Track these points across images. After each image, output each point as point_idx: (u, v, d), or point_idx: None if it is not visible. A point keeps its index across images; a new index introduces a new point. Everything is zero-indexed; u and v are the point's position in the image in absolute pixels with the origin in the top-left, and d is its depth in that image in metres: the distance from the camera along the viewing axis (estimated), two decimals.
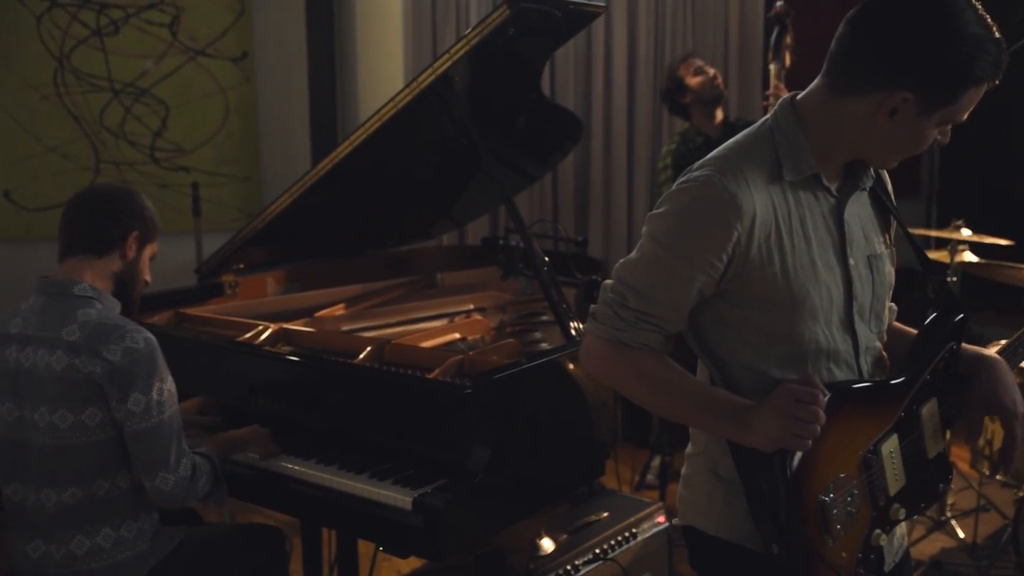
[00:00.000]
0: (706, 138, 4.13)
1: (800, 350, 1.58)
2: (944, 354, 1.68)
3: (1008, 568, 3.52)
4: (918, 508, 1.71)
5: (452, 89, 2.68)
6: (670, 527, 2.95)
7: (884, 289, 1.68)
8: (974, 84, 1.47)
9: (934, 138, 1.54)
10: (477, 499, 2.11)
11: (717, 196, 1.49)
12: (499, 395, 2.14)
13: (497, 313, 3.17)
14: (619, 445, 4.15)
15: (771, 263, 1.53)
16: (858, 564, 1.59)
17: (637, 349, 1.58)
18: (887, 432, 1.62)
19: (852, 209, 1.63)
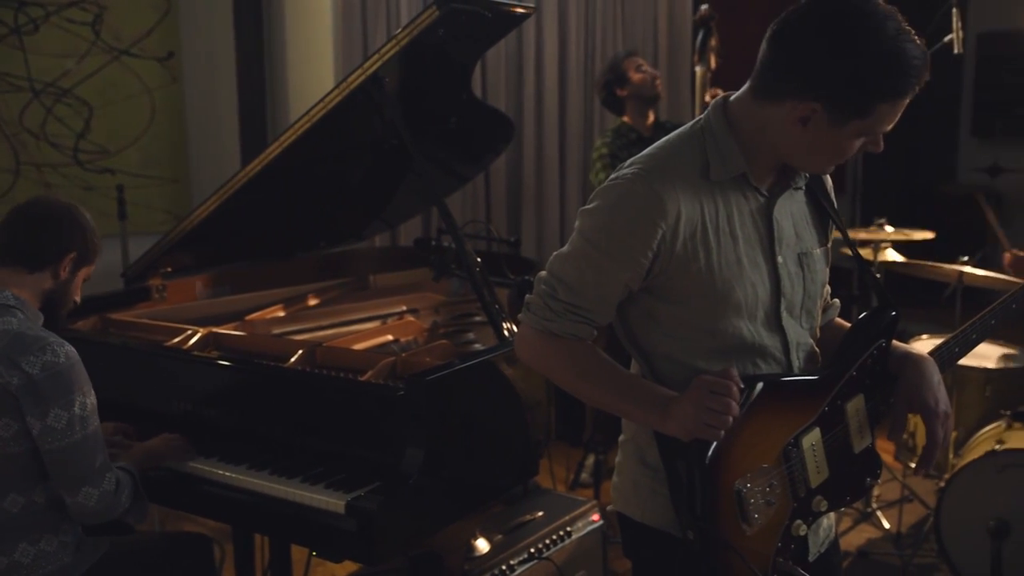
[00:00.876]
0: (639, 135, 4.19)
1: (725, 345, 1.62)
2: (872, 351, 1.72)
3: (930, 556, 3.62)
4: (843, 501, 1.73)
5: (383, 89, 2.67)
6: (604, 525, 2.98)
7: (816, 287, 1.71)
8: (885, 101, 1.48)
9: (861, 147, 1.55)
10: (411, 501, 2.10)
11: (643, 195, 1.53)
12: (432, 396, 2.14)
13: (430, 314, 3.17)
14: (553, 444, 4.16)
15: (696, 259, 1.56)
16: (777, 553, 1.62)
17: (567, 339, 1.63)
18: (809, 426, 1.65)
19: (784, 208, 1.66)
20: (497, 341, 2.50)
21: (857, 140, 1.54)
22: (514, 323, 2.57)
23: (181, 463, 2.33)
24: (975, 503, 3.25)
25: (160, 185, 4.74)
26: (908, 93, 1.49)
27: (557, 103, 5.15)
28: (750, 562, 1.58)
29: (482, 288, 2.54)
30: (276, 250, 3.48)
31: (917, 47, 1.47)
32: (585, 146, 5.24)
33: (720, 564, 1.58)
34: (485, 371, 2.37)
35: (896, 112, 1.52)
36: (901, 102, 1.50)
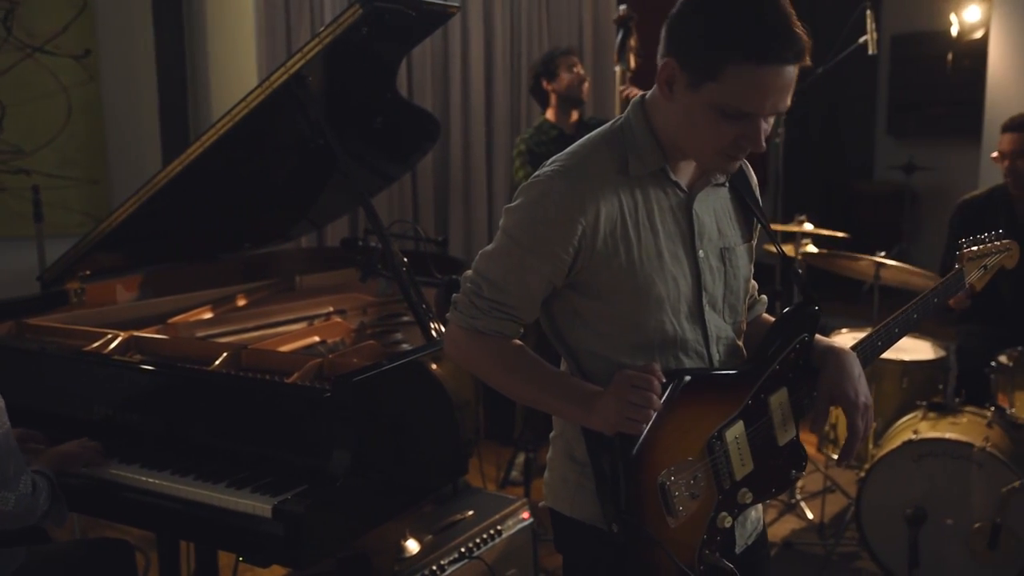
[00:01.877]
0: (560, 132, 4.23)
1: (647, 339, 1.64)
2: (795, 345, 1.74)
3: (852, 545, 3.71)
4: (768, 493, 1.76)
5: (306, 88, 2.64)
6: (535, 523, 2.99)
7: (739, 282, 1.73)
8: (732, 60, 1.45)
9: (732, 135, 1.52)
10: (339, 503, 2.09)
11: (562, 192, 1.56)
12: (359, 397, 2.13)
13: (357, 315, 3.15)
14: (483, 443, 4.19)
15: (617, 255, 1.58)
16: (703, 545, 1.65)
17: (493, 336, 1.65)
18: (733, 419, 1.67)
19: (706, 203, 1.68)
20: (425, 341, 2.49)
21: (721, 122, 1.51)
22: (441, 323, 2.57)
23: (102, 470, 2.28)
24: (893, 492, 3.34)
25: (77, 186, 4.63)
26: (759, 59, 1.45)
27: (483, 102, 5.16)
28: (675, 555, 1.60)
29: (408, 288, 2.54)
30: (200, 252, 3.42)
31: (780, 17, 1.46)
32: (512, 144, 5.25)
33: (645, 557, 1.60)
34: (413, 371, 2.37)
35: (756, 89, 1.47)
36: (756, 72, 1.46)
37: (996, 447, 3.25)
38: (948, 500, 3.29)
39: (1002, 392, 3.56)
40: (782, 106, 1.51)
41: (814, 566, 3.61)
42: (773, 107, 1.50)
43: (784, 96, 1.50)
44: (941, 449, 3.29)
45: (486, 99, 5.18)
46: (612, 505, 1.59)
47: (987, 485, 3.23)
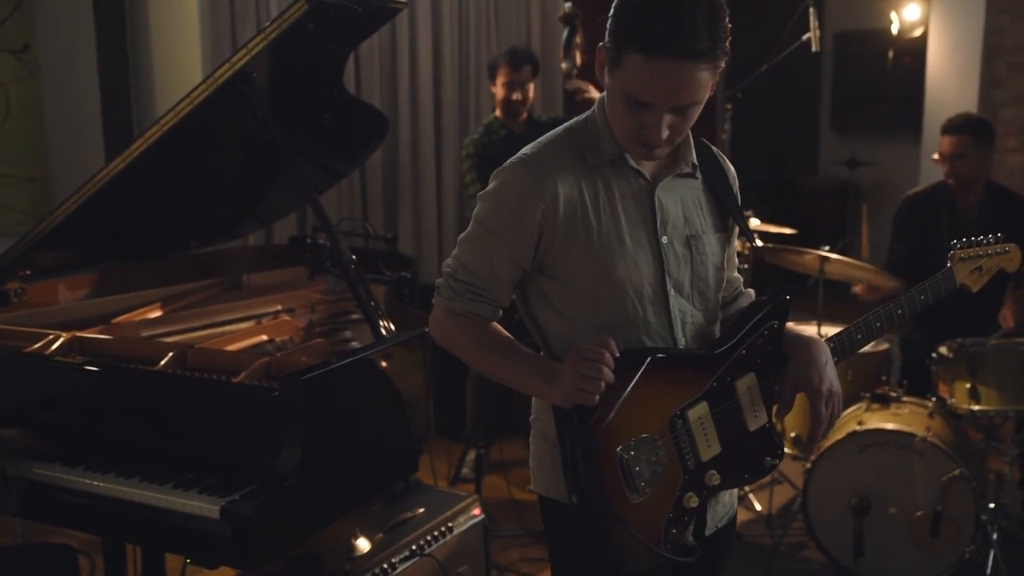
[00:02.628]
0: (509, 132, 4.24)
1: (609, 320, 1.70)
2: (763, 331, 1.77)
3: (799, 535, 3.77)
4: (740, 478, 1.79)
5: (252, 85, 2.61)
6: (486, 519, 2.99)
7: (707, 269, 1.78)
8: (629, 48, 1.53)
9: (636, 123, 1.59)
10: (288, 503, 2.07)
11: (523, 178, 1.66)
12: (307, 396, 2.11)
13: (306, 313, 3.12)
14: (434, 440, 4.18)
15: (577, 238, 1.66)
16: (669, 524, 1.68)
17: (468, 317, 1.74)
18: (696, 399, 1.70)
19: (673, 192, 1.74)
20: (374, 339, 2.48)
21: (629, 108, 1.58)
22: (391, 320, 2.56)
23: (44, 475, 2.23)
24: (839, 482, 3.39)
25: (17, 184, 4.54)
26: (648, 51, 1.51)
27: (432, 98, 5.15)
28: (638, 531, 1.64)
29: (357, 286, 2.53)
30: (144, 250, 3.37)
31: (680, 13, 1.50)
32: (461, 141, 5.24)
33: (608, 531, 1.64)
34: (362, 369, 2.36)
35: (648, 80, 1.53)
36: (647, 63, 1.51)
37: (937, 437, 3.32)
38: (891, 489, 3.35)
39: (943, 383, 3.63)
40: (680, 100, 1.56)
41: (762, 557, 3.66)
42: (668, 100, 1.56)
43: (681, 92, 1.55)
44: (884, 439, 3.35)
45: (434, 96, 5.17)
46: (571, 477, 1.63)
47: (929, 474, 3.30)
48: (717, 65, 1.55)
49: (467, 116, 5.29)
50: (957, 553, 3.29)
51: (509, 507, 4.03)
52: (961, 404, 3.50)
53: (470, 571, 2.85)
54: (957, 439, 3.46)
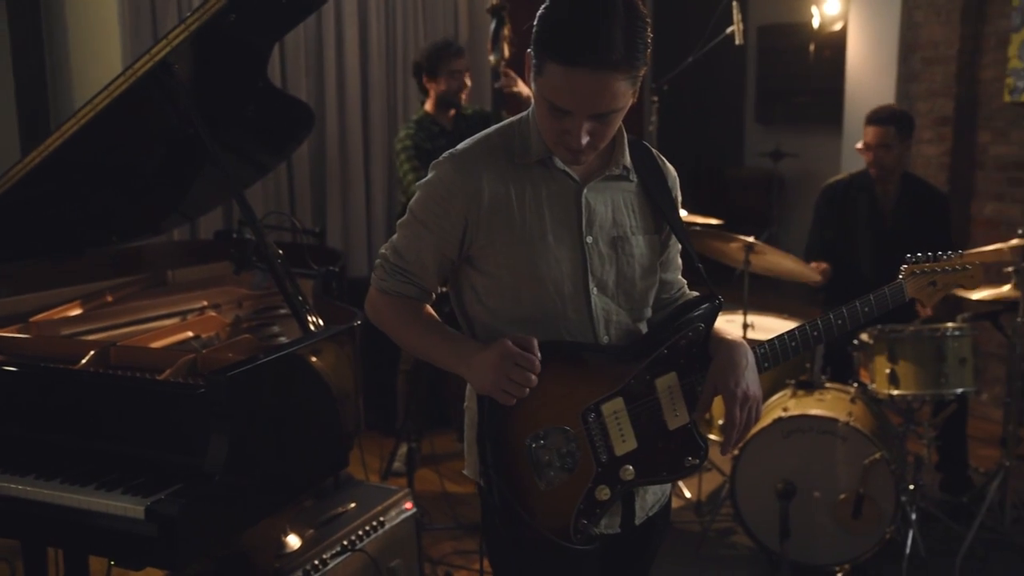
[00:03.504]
0: (441, 128, 4.23)
1: (531, 314, 1.73)
2: (688, 332, 1.78)
3: (727, 520, 3.84)
4: (657, 475, 1.79)
5: (173, 77, 2.56)
6: (418, 512, 2.99)
7: (634, 270, 1.80)
8: (548, 57, 1.56)
9: (558, 129, 1.62)
10: (215, 501, 2.04)
11: (451, 172, 1.72)
12: (234, 393, 2.08)
13: (233, 309, 3.08)
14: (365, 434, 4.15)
15: (502, 233, 1.71)
16: (579, 514, 1.71)
17: (397, 296, 1.81)
18: (612, 395, 1.73)
19: (602, 193, 1.77)
20: (302, 333, 2.46)
21: (551, 114, 1.61)
22: (319, 315, 2.54)
23: None
24: (765, 468, 3.46)
25: None
26: (564, 61, 1.53)
27: (359, 91, 5.10)
28: (547, 518, 1.68)
29: (284, 280, 2.50)
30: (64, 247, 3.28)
31: (595, 24, 1.52)
32: (390, 133, 5.22)
33: (513, 513, 1.68)
34: (291, 364, 2.33)
35: (565, 89, 1.56)
36: (565, 72, 1.54)
37: (859, 421, 3.41)
38: (816, 473, 3.43)
39: (864, 368, 3.73)
40: (599, 109, 1.58)
41: (692, 543, 3.72)
42: (587, 109, 1.58)
43: (599, 101, 1.57)
44: (808, 425, 3.43)
45: (362, 88, 5.12)
46: (480, 460, 1.68)
47: (851, 458, 3.38)
48: (636, 74, 1.57)
49: (395, 108, 5.26)
50: (878, 533, 3.38)
51: (441, 500, 4.03)
52: (881, 389, 3.60)
53: (402, 565, 2.85)
54: (878, 423, 3.56)
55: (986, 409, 5.01)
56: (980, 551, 3.56)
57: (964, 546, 3.48)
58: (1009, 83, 4.94)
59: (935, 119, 5.26)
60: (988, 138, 5.15)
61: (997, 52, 5.03)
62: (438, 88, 4.27)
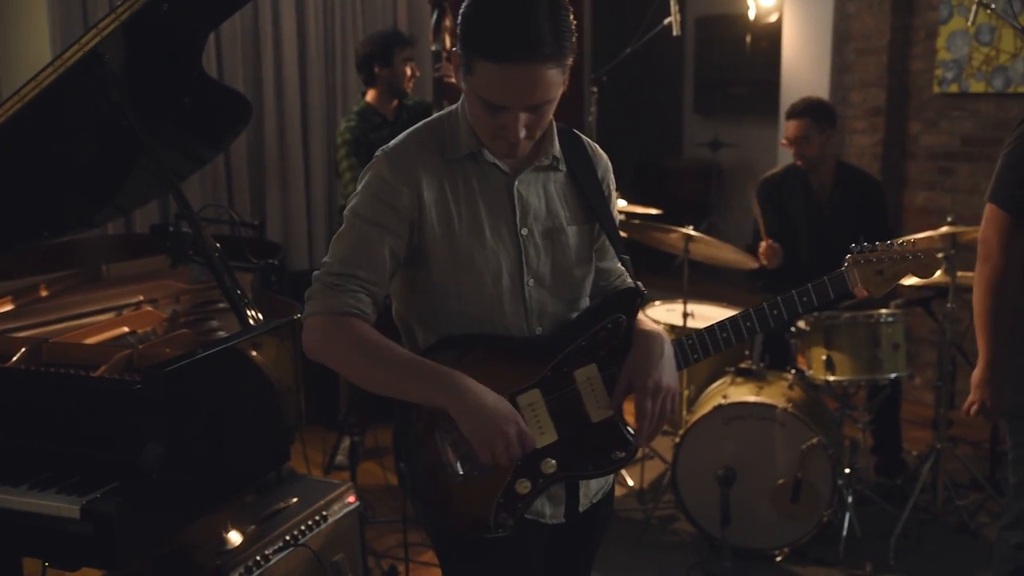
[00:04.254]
0: (383, 119, 4.21)
1: (469, 310, 1.73)
2: (607, 324, 1.77)
3: (669, 508, 3.88)
4: (582, 469, 1.77)
5: (104, 67, 2.51)
6: (361, 506, 2.98)
7: (570, 261, 1.80)
8: (478, 55, 1.56)
9: (495, 125, 1.62)
10: (153, 499, 2.01)
11: (388, 169, 1.70)
12: (171, 388, 2.05)
13: (170, 303, 3.03)
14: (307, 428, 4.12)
15: (439, 228, 1.70)
16: (499, 508, 1.71)
17: (349, 317, 1.66)
18: (528, 386, 1.72)
19: (534, 185, 1.76)
20: (242, 327, 2.43)
21: (486, 111, 1.61)
22: (258, 309, 2.51)
23: None
24: (706, 455, 3.51)
25: None
26: (496, 58, 1.54)
27: (297, 82, 5.05)
28: (465, 508, 1.69)
29: (222, 274, 2.47)
30: None
31: (523, 18, 1.52)
32: (329, 124, 5.18)
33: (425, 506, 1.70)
34: (230, 359, 2.30)
35: (499, 85, 1.56)
36: (498, 69, 1.54)
37: (796, 407, 3.47)
38: (755, 459, 3.48)
39: (801, 355, 3.80)
40: (537, 100, 1.59)
41: (635, 530, 3.75)
42: (522, 102, 1.59)
43: (536, 92, 1.58)
44: (747, 412, 3.48)
45: (300, 79, 5.07)
46: (398, 447, 1.69)
47: (789, 443, 3.44)
48: (565, 63, 1.59)
49: (334, 99, 5.22)
50: (816, 517, 3.45)
51: (385, 493, 4.01)
52: (818, 375, 3.67)
53: (346, 559, 2.83)
54: (815, 409, 3.63)
55: (919, 393, 5.14)
56: (914, 531, 3.65)
57: (898, 527, 3.57)
58: (938, 74, 5.05)
59: (868, 109, 5.36)
60: (919, 128, 5.26)
61: (926, 44, 5.14)
62: (391, 75, 4.23)
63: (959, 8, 4.89)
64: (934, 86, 5.09)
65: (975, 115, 4.98)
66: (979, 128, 4.96)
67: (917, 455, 4.18)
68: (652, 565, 3.53)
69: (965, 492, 3.94)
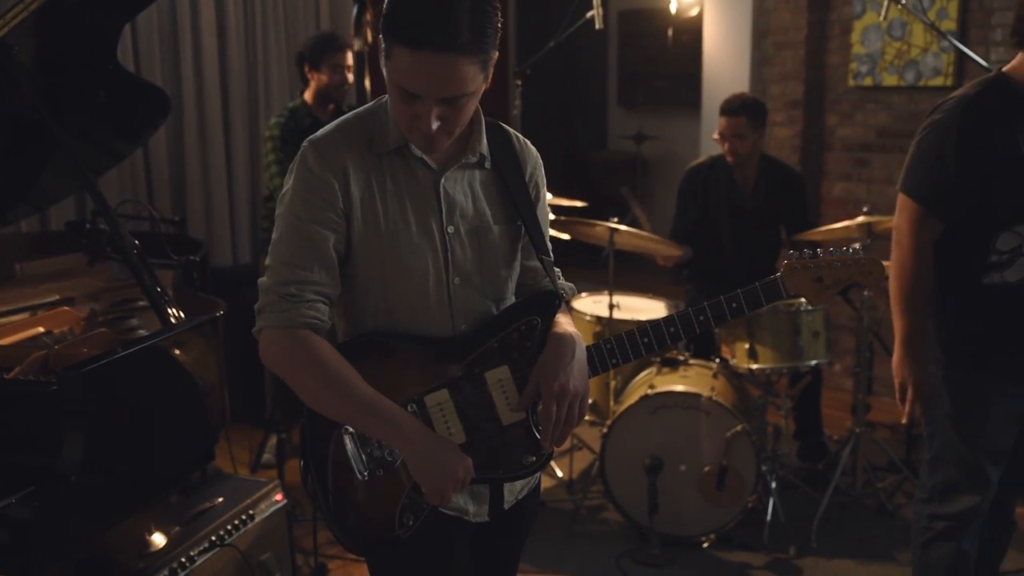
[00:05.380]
0: (315, 121, 4.15)
1: (394, 306, 1.71)
2: (520, 326, 1.75)
3: (598, 498, 3.92)
4: (492, 472, 1.73)
5: (13, 60, 2.44)
6: (289, 503, 2.95)
7: (497, 260, 1.78)
8: (395, 40, 1.54)
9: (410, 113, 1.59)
10: (71, 503, 1.97)
11: (315, 162, 1.65)
12: (89, 389, 2.01)
13: (88, 302, 2.96)
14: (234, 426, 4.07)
15: (366, 223, 1.67)
16: (404, 509, 1.69)
17: (308, 332, 1.63)
18: (436, 386, 1.70)
19: (461, 182, 1.75)
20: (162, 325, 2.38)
21: (402, 99, 1.58)
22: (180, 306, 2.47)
23: None
24: (633, 444, 3.55)
25: None
26: (410, 44, 1.51)
27: (218, 75, 4.96)
28: (369, 509, 1.68)
29: (141, 271, 2.42)
30: None
31: (440, 7, 1.51)
32: (251, 119, 5.10)
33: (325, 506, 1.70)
34: (151, 358, 2.26)
35: (412, 72, 1.53)
36: (411, 56, 1.52)
37: (721, 396, 3.53)
38: (681, 448, 3.53)
39: (725, 344, 3.87)
40: (447, 93, 1.56)
41: (564, 521, 3.78)
42: (435, 92, 1.55)
43: (450, 84, 1.55)
44: (673, 401, 3.53)
45: (221, 72, 4.98)
46: (300, 452, 1.69)
47: (714, 431, 3.50)
48: (485, 58, 1.56)
49: (256, 93, 5.14)
50: (741, 503, 3.51)
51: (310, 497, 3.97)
52: (741, 363, 3.74)
53: (274, 557, 2.80)
54: (739, 397, 3.69)
55: (838, 379, 5.27)
56: (835, 514, 3.75)
57: (820, 510, 3.66)
58: (853, 68, 5.18)
59: (787, 102, 5.46)
60: (835, 120, 5.38)
61: (842, 38, 5.26)
62: (319, 81, 4.18)
63: (872, 3, 5.01)
64: (849, 79, 5.22)
65: (888, 107, 5.11)
66: (892, 120, 5.10)
67: (837, 440, 4.29)
68: (581, 555, 3.57)
69: (883, 474, 4.06)
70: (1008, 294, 2.40)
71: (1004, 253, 2.37)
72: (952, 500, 2.52)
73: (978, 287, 2.42)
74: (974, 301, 2.44)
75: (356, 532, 1.71)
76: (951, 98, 2.43)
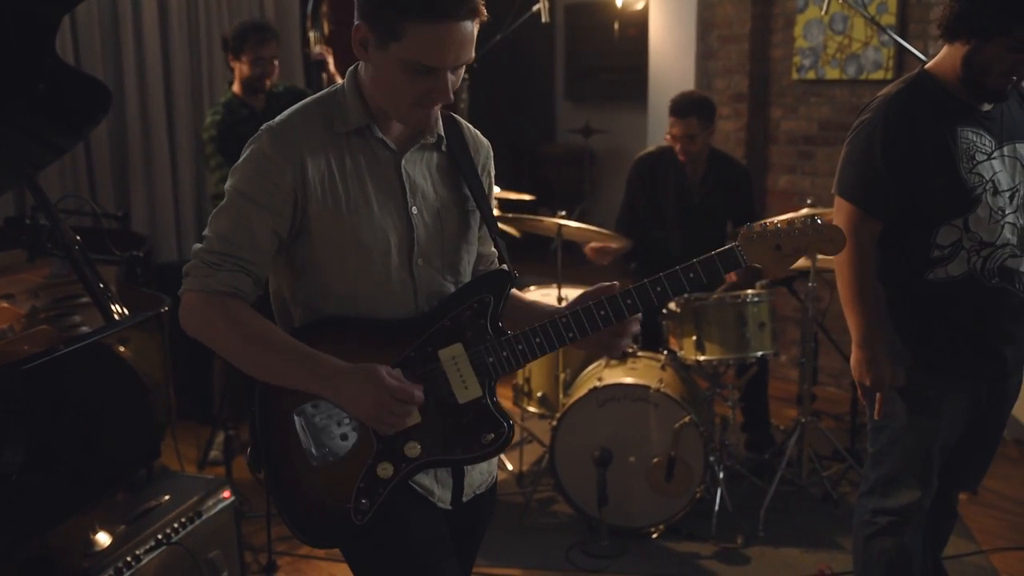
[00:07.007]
0: (251, 111, 4.09)
1: (355, 288, 1.72)
2: (473, 304, 1.76)
3: (549, 490, 3.94)
4: (451, 452, 1.73)
5: None
6: (237, 500, 2.92)
7: (457, 242, 1.81)
8: (408, 18, 1.56)
9: (422, 89, 1.62)
10: (12, 503, 1.94)
11: (270, 145, 1.67)
12: (30, 387, 1.97)
13: (28, 299, 2.91)
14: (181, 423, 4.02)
15: (326, 205, 1.68)
16: (359, 493, 1.69)
17: (228, 296, 1.66)
18: (391, 366, 1.68)
19: (418, 163, 1.77)
20: (105, 322, 2.35)
21: (412, 77, 1.61)
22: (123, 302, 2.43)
23: None
24: (583, 437, 3.57)
25: None
26: (432, 17, 1.55)
27: (161, 68, 4.88)
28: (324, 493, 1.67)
29: (82, 267, 2.38)
30: None
31: None
32: (195, 112, 5.03)
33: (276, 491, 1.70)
34: (94, 355, 2.23)
35: (435, 46, 1.57)
36: (432, 29, 1.56)
37: (669, 387, 3.56)
38: (630, 440, 3.56)
39: (673, 336, 3.90)
40: (464, 58, 1.62)
41: (515, 514, 3.79)
42: (455, 60, 1.61)
43: (464, 49, 1.61)
44: (622, 393, 3.56)
45: (163, 66, 4.90)
46: (250, 434, 1.68)
47: (662, 423, 3.53)
48: (481, 18, 1.62)
49: (200, 85, 5.07)
50: (689, 493, 3.55)
51: (262, 487, 3.94)
52: (689, 355, 3.77)
53: (222, 555, 2.78)
54: (686, 388, 3.73)
55: (784, 370, 5.34)
56: (781, 503, 3.80)
57: (767, 499, 3.71)
58: (796, 61, 5.24)
59: (732, 95, 5.52)
60: (780, 114, 5.45)
61: (785, 32, 5.33)
62: (240, 72, 4.10)
63: None
64: (793, 73, 5.29)
65: (831, 101, 5.19)
66: (835, 113, 5.18)
67: (784, 430, 4.35)
68: (532, 548, 3.58)
69: (828, 463, 4.13)
70: (955, 288, 2.41)
71: (945, 247, 2.41)
72: (894, 493, 2.55)
73: (924, 283, 2.43)
74: (922, 297, 2.46)
75: (308, 520, 1.70)
76: (877, 98, 2.47)
